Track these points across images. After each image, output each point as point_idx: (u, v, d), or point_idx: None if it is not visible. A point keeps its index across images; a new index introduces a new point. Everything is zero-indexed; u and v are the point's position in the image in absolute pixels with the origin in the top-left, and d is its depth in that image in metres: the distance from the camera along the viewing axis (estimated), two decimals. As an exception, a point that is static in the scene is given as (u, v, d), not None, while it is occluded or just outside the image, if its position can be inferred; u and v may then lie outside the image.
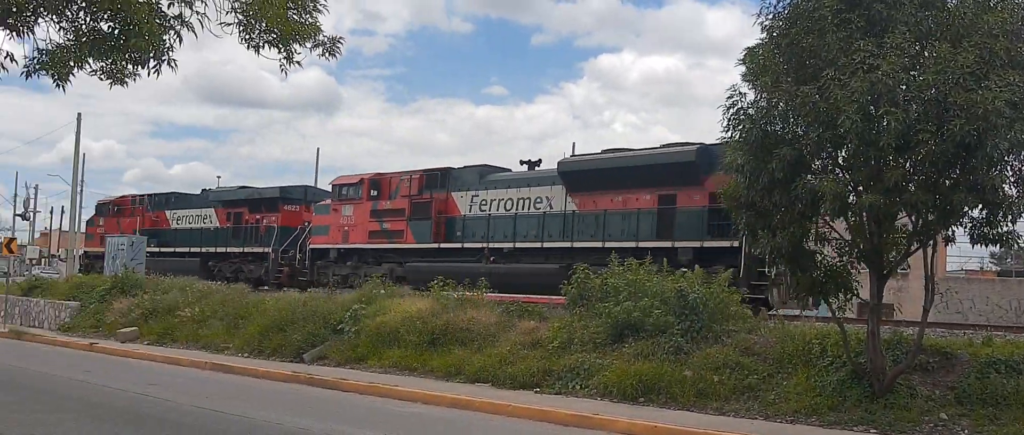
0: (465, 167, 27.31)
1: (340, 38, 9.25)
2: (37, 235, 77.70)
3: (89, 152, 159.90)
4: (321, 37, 9.13)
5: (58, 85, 8.79)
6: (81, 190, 44.79)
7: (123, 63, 8.72)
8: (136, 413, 13.11)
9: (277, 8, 8.48)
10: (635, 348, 15.61)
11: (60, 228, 78.77)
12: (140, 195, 41.80)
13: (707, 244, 20.54)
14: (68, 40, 8.72)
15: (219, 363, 20.11)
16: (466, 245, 25.44)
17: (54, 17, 8.32)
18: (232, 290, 27.16)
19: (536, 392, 15.54)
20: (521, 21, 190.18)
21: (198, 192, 39.79)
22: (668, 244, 21.12)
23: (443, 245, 26.08)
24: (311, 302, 22.38)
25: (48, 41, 8.71)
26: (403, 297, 21.20)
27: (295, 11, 8.76)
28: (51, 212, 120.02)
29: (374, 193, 28.59)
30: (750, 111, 12.46)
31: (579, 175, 23.59)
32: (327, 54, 9.25)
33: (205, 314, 24.86)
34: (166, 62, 8.50)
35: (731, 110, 12.59)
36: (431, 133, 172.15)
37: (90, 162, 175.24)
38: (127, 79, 9.26)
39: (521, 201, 24.77)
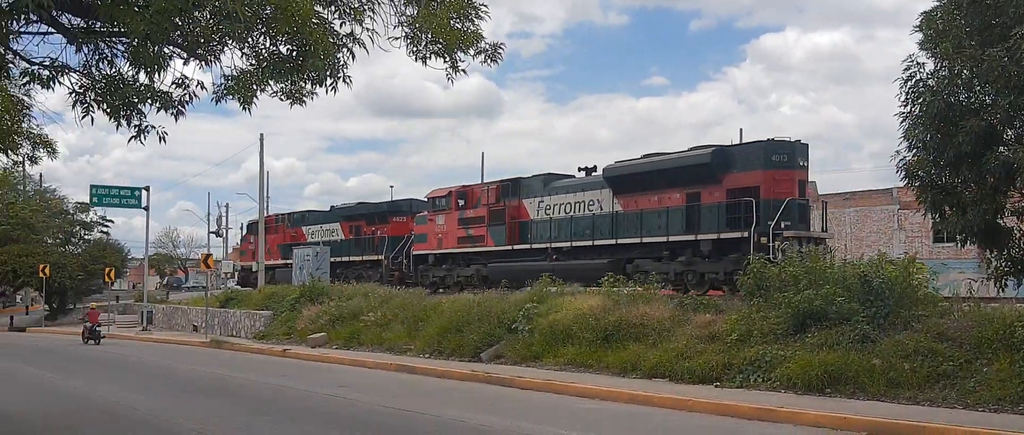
0: (533, 176, 30.16)
1: (501, 44, 9.44)
2: (230, 250, 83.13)
3: (272, 170, 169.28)
4: (483, 44, 9.34)
5: (244, 108, 9.41)
6: (267, 206, 47.48)
7: (301, 83, 9.25)
8: (330, 414, 13.81)
9: (441, 19, 8.73)
10: (818, 338, 15.06)
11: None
12: (281, 214, 47.17)
13: (723, 235, 22.65)
14: (250, 65, 9.31)
15: (402, 364, 20.88)
16: (534, 246, 28.40)
17: (237, 45, 8.91)
18: (410, 294, 28.14)
19: (716, 386, 15.26)
20: (678, 8, 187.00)
21: (327, 209, 44.41)
22: (693, 237, 23.45)
23: (516, 246, 28.99)
24: (485, 303, 22.85)
25: (233, 68, 9.35)
26: (574, 295, 21.32)
27: (457, 20, 9.00)
28: (241, 228, 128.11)
29: (461, 203, 31.82)
30: (930, 82, 11.75)
31: (622, 179, 26.07)
32: (489, 60, 9.45)
33: (387, 318, 25.85)
34: (341, 79, 8.93)
35: (909, 83, 11.91)
36: (592, 130, 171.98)
37: (273, 179, 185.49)
38: (305, 98, 9.80)
39: (577, 204, 27.45)
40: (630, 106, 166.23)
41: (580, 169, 28.86)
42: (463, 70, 9.37)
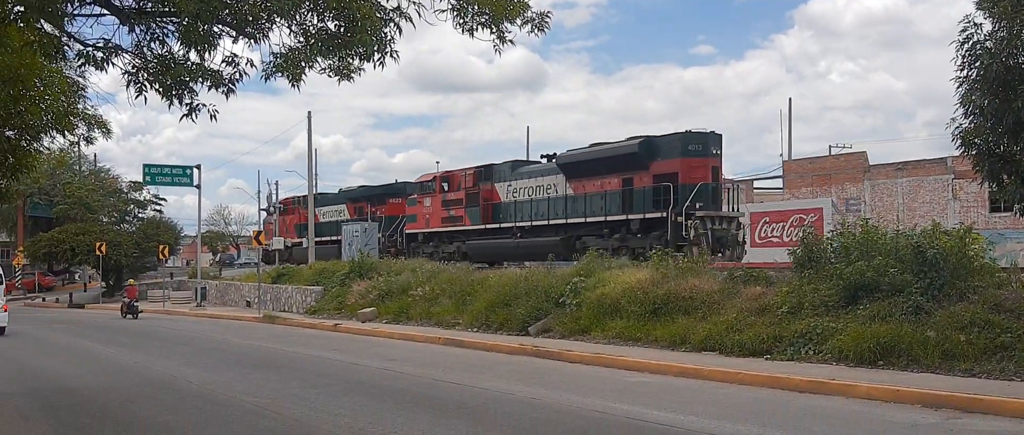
0: (503, 163, 33.71)
1: (548, 12, 9.37)
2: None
3: (319, 147, 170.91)
4: (530, 13, 9.30)
5: (293, 85, 9.50)
6: (315, 183, 48.02)
7: (349, 59, 9.30)
8: (381, 387, 13.99)
9: (487, -11, 8.73)
10: (870, 310, 14.85)
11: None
12: (297, 197, 52.18)
13: (649, 215, 26.14)
14: (298, 42, 9.38)
15: (451, 338, 21.05)
16: (503, 225, 31.98)
17: (286, 22, 8.98)
18: (458, 269, 28.31)
19: (767, 359, 15.15)
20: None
21: (336, 192, 49.95)
22: (626, 217, 26.94)
23: (489, 226, 32.65)
24: (532, 277, 22.91)
25: (281, 45, 9.43)
26: (622, 269, 21.27)
27: (504, -10, 8.97)
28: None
29: (445, 187, 35.48)
30: (988, 44, 11.39)
31: (571, 166, 29.61)
32: (536, 30, 9.40)
33: (434, 293, 26.06)
34: (388, 54, 8.96)
35: (965, 45, 11.56)
36: (639, 101, 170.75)
37: (321, 156, 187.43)
38: (353, 74, 9.86)
39: (538, 188, 31.09)
40: (677, 76, 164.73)
41: (542, 156, 32.21)
42: (510, 40, 9.35)
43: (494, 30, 9.15)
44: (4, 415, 12.02)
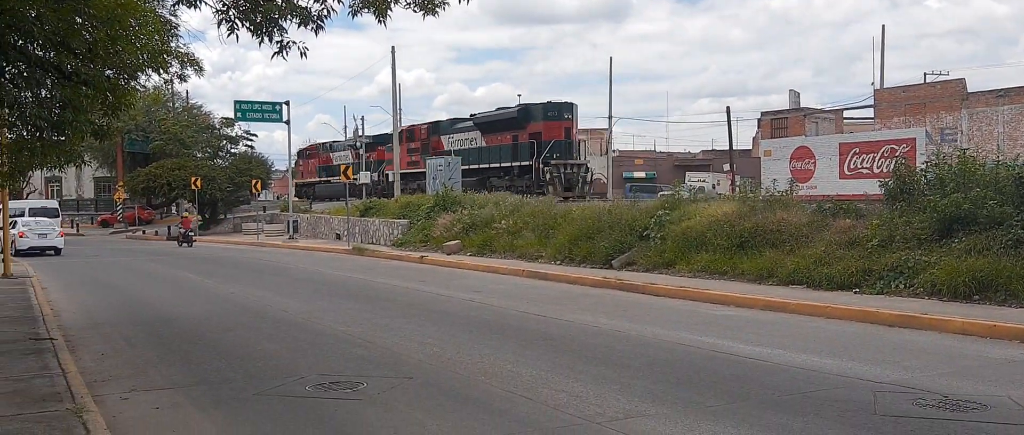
0: (447, 120, 47.02)
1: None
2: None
3: (403, 82, 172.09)
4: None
5: (379, 20, 9.58)
6: (400, 118, 48.51)
7: (436, -8, 9.33)
8: (467, 317, 14.28)
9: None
10: (966, 243, 14.43)
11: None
12: (319, 143, 66.77)
13: (523, 163, 38.31)
14: (385, -23, 9.43)
15: (534, 271, 21.25)
16: None
17: (372, -45, 9.06)
18: (541, 202, 28.41)
19: (855, 292, 14.92)
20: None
21: (343, 138, 64.26)
22: (511, 164, 39.33)
23: None
24: (616, 211, 22.89)
25: (368, -20, 9.50)
26: (708, 202, 21.07)
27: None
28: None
29: (409, 138, 48.86)
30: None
31: (483, 125, 42.47)
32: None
33: (518, 226, 26.27)
34: (474, -14, 8.95)
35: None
36: (725, 30, 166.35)
37: (405, 91, 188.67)
38: (438, 8, 9.88)
39: (466, 141, 43.34)
40: (764, 4, 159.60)
41: (471, 116, 43.92)
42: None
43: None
44: (112, 343, 12.68)
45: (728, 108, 53.92)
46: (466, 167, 41.15)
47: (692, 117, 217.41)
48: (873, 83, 53.39)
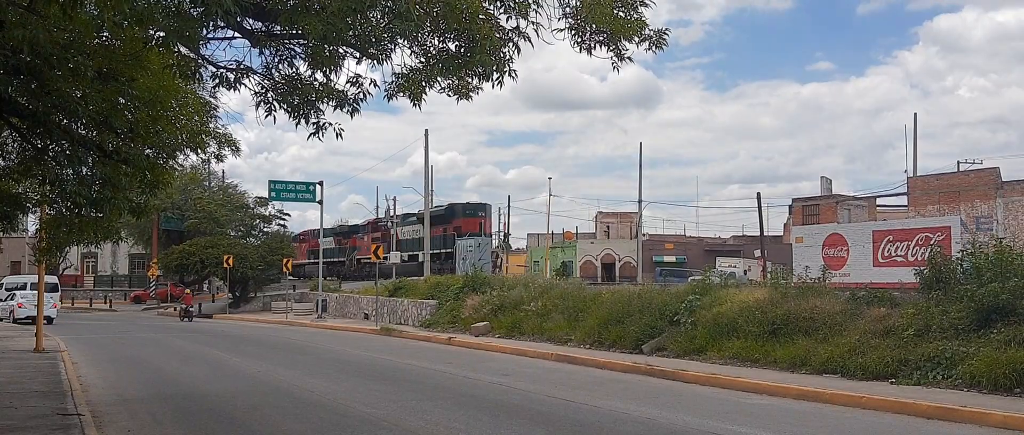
0: (398, 215, 60.21)
1: (666, 30, 9.31)
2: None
3: (435, 164, 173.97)
4: (647, 31, 9.28)
5: (414, 104, 9.72)
6: (431, 199, 49.04)
7: (468, 78, 9.48)
8: (494, 401, 14.11)
9: (605, 8, 8.72)
10: (1005, 334, 14.10)
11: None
12: (308, 230, 73.31)
13: (447, 250, 50.86)
14: (420, 62, 9.61)
15: (563, 354, 21.04)
16: (401, 253, 53.27)
17: (408, 43, 9.22)
18: (569, 284, 28.30)
19: (892, 383, 14.58)
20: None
21: (331, 226, 68.64)
22: (441, 250, 51.76)
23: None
24: (646, 294, 22.72)
25: (403, 65, 9.68)
26: (739, 288, 20.88)
27: (621, 9, 8.97)
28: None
29: (374, 229, 63.12)
30: None
31: (418, 220, 53.04)
32: (654, 47, 9.36)
33: (547, 308, 26.12)
34: (507, 73, 9.09)
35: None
36: (754, 117, 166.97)
37: (437, 172, 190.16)
38: (471, 93, 10.03)
39: (412, 231, 55.02)
40: (794, 92, 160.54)
41: (416, 213, 54.57)
42: (629, 57, 9.33)
43: (611, 48, 9.17)
44: (139, 419, 12.66)
45: (759, 194, 53.77)
46: (411, 252, 53.90)
47: (722, 202, 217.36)
48: (906, 171, 53.19)
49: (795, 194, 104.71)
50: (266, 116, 9.92)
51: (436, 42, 9.24)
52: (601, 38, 9.12)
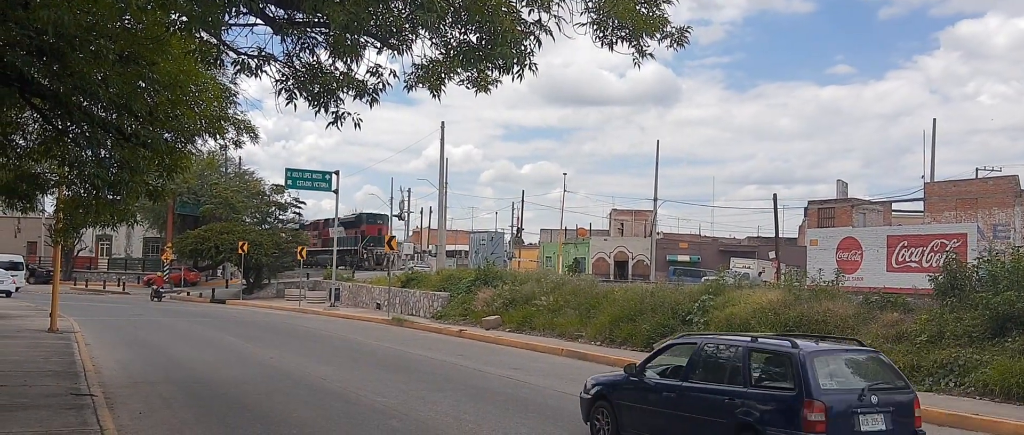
0: (330, 219, 61.16)
1: (688, 28, 9.30)
2: (411, 233, 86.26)
3: (450, 157, 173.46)
4: (669, 28, 9.26)
5: (434, 95, 9.76)
6: (446, 192, 49.00)
7: (488, 71, 9.49)
8: (504, 394, 14.14)
9: (627, 4, 8.71)
10: (1020, 342, 14.04)
11: (429, 226, 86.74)
12: (322, 219, 73.00)
13: (357, 248, 64.00)
14: (440, 54, 9.63)
15: (573, 351, 21.04)
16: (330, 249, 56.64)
17: (429, 34, 9.24)
18: (582, 280, 28.26)
19: (903, 388, 14.50)
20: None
21: (342, 217, 69.13)
22: (352, 249, 63.53)
23: (326, 248, 59.69)
24: (659, 293, 22.68)
25: (423, 57, 9.70)
26: (752, 288, 20.82)
27: (644, 5, 8.95)
28: (421, 212, 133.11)
29: (315, 228, 69.64)
30: None
31: (343, 224, 58.86)
32: (675, 45, 9.35)
33: (558, 304, 26.11)
34: (527, 66, 9.08)
35: None
36: (772, 118, 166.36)
37: (452, 166, 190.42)
38: (490, 86, 10.04)
39: (339, 233, 55.02)
40: (813, 95, 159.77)
41: (340, 218, 55.74)
42: (650, 54, 9.32)
43: (633, 44, 9.16)
44: (150, 402, 12.75)
45: (775, 196, 53.67)
46: (342, 248, 57.96)
47: (738, 202, 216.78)
48: (923, 176, 52.84)
49: (811, 196, 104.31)
50: (286, 104, 9.96)
51: (457, 34, 9.25)
52: (623, 33, 9.11)
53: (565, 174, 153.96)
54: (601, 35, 9.13)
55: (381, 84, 9.75)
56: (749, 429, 8.29)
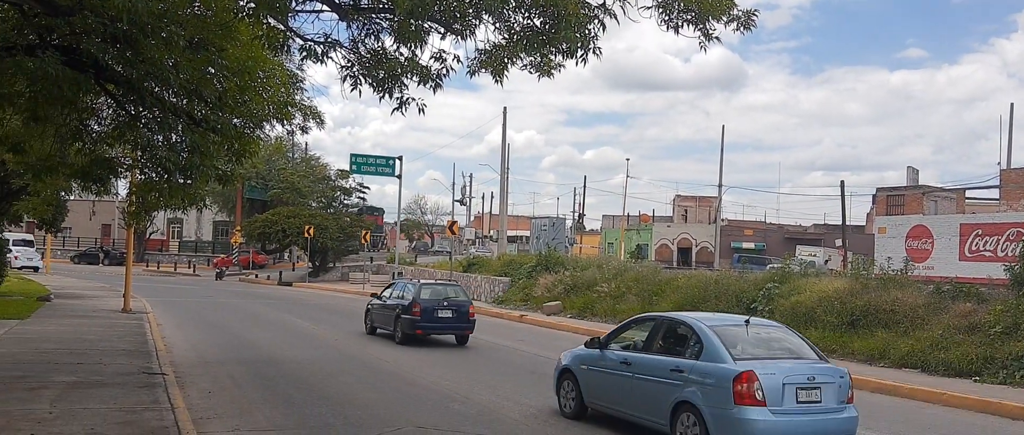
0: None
1: (754, 11, 9.13)
2: (472, 218, 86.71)
3: (512, 142, 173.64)
4: (735, 12, 9.11)
5: (496, 80, 9.75)
6: (508, 177, 49.09)
7: (552, 55, 9.44)
8: (565, 380, 14.13)
9: (694, -14, 8.60)
10: (1100, 336, 13.55)
11: (490, 211, 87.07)
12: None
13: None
14: (503, 39, 9.62)
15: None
16: None
17: (493, 19, 9.23)
18: (645, 267, 28.08)
19: (975, 381, 14.15)
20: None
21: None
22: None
23: None
24: (723, 281, 22.44)
25: (486, 42, 9.71)
26: (819, 277, 20.47)
27: (710, -13, 8.81)
28: (483, 197, 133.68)
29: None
30: None
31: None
32: (742, 28, 9.19)
33: (620, 290, 26.00)
34: (591, 50, 9.02)
35: None
36: (840, 103, 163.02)
37: (514, 151, 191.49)
38: (554, 71, 9.99)
39: None
40: (883, 79, 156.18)
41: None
42: (716, 37, 9.18)
43: (699, 27, 9.03)
44: (219, 381, 13.04)
45: (842, 182, 52.47)
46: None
47: (804, 189, 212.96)
48: (999, 163, 51.27)
49: (879, 183, 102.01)
50: (351, 89, 10.05)
51: (520, 18, 9.22)
52: (689, 17, 8.98)
53: (628, 159, 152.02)
54: (666, 18, 9.03)
55: (445, 69, 9.78)
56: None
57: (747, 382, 8.23)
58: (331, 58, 9.99)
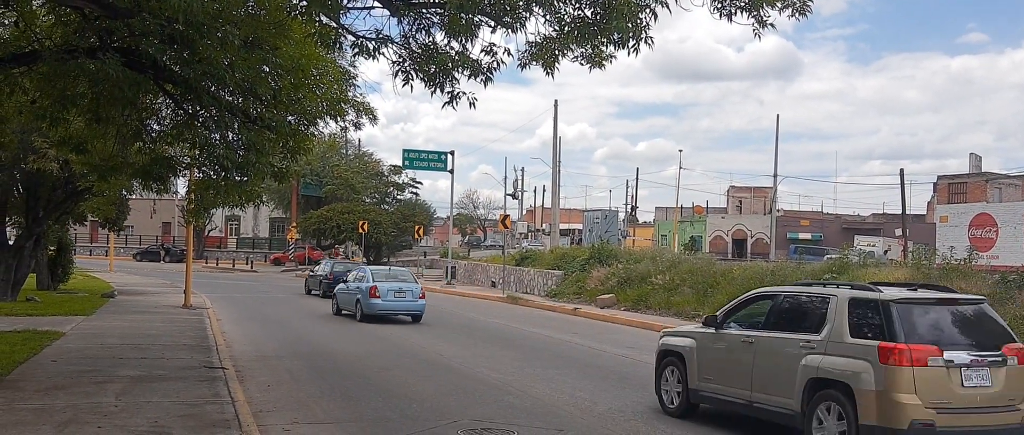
0: None
1: (810, -4, 8.97)
2: (524, 212, 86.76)
3: (564, 135, 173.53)
4: (790, -3, 8.95)
5: (547, 72, 9.73)
6: (559, 170, 49.01)
7: (603, 46, 9.39)
8: (620, 373, 14.08)
9: (747, -27, 8.47)
10: None
11: (542, 205, 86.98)
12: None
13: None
14: (554, 31, 9.59)
15: (691, 330, 20.72)
16: None
17: (543, 11, 9.22)
18: (699, 259, 27.83)
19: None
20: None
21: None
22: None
23: None
24: (780, 272, 22.14)
25: (537, 34, 9.69)
26: (878, 267, 20.08)
27: (764, -26, 8.68)
28: (534, 191, 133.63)
29: None
30: None
31: None
32: (797, 14, 9.03)
33: (674, 283, 25.80)
34: (643, 40, 8.94)
35: None
36: (898, 91, 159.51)
37: (565, 144, 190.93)
38: (605, 62, 9.93)
39: None
40: (943, 65, 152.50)
41: None
42: (770, 24, 9.03)
43: (752, 14, 8.89)
44: (277, 375, 13.24)
45: (902, 171, 51.55)
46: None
47: (862, 178, 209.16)
48: (1066, 148, 49.78)
49: (940, 172, 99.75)
50: (403, 85, 10.11)
51: (570, 10, 9.18)
52: (742, 3, 8.85)
53: (680, 151, 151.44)
54: (719, 6, 8.91)
55: (495, 63, 9.78)
56: None
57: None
58: (383, 54, 10.07)
